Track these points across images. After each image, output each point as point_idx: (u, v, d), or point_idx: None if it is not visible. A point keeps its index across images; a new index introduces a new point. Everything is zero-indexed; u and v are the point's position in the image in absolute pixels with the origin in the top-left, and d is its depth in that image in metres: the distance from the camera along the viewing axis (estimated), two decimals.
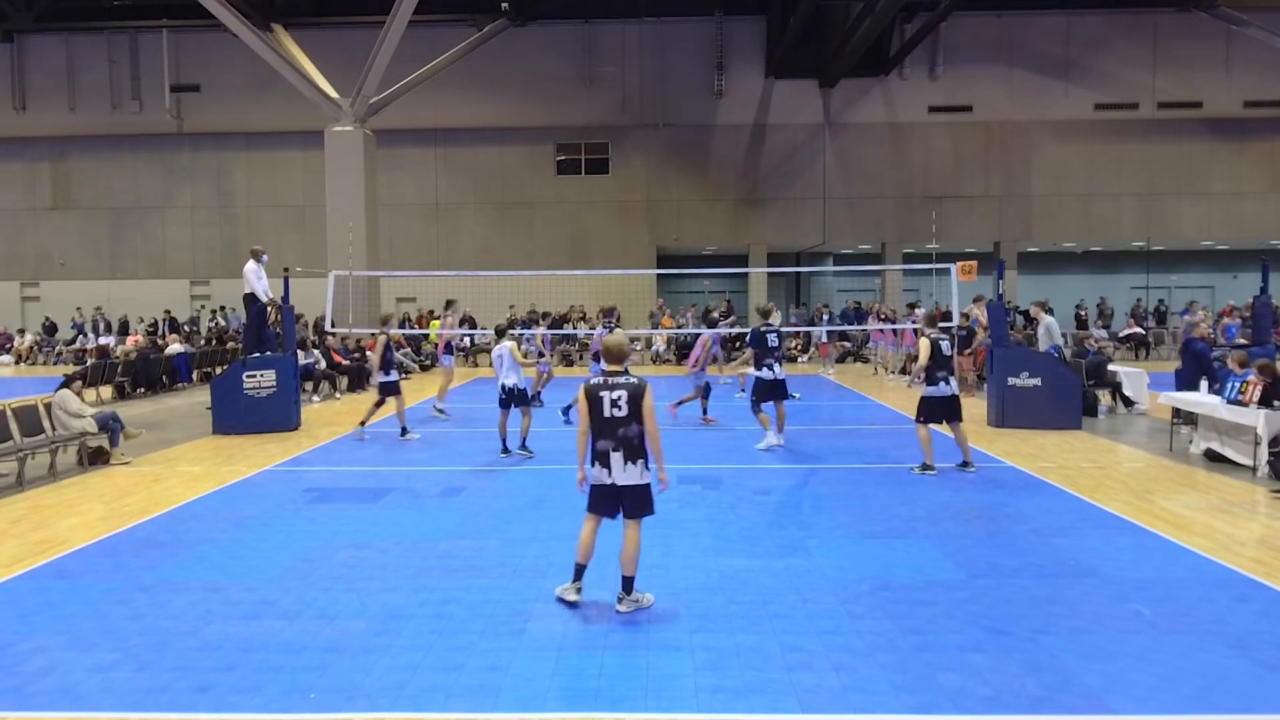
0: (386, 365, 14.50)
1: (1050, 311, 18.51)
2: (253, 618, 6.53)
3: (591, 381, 6.65)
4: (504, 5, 30.24)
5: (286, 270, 16.89)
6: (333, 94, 27.23)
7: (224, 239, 34.70)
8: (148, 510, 9.82)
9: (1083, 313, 33.17)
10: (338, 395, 20.94)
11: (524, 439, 12.93)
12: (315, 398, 20.00)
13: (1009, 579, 7.22)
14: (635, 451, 6.52)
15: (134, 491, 10.80)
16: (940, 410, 11.43)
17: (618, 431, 6.49)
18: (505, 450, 12.83)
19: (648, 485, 6.61)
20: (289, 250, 31.34)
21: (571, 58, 33.52)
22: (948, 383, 11.36)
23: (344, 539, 8.58)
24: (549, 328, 17.39)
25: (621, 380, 6.57)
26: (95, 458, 12.42)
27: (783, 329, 15.05)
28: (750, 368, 14.27)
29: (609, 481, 6.54)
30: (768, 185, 33.72)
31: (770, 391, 13.25)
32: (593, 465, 6.60)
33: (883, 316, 26.92)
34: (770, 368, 13.09)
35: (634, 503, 6.59)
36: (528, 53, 33.02)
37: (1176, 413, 13.19)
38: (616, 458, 6.50)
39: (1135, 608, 6.57)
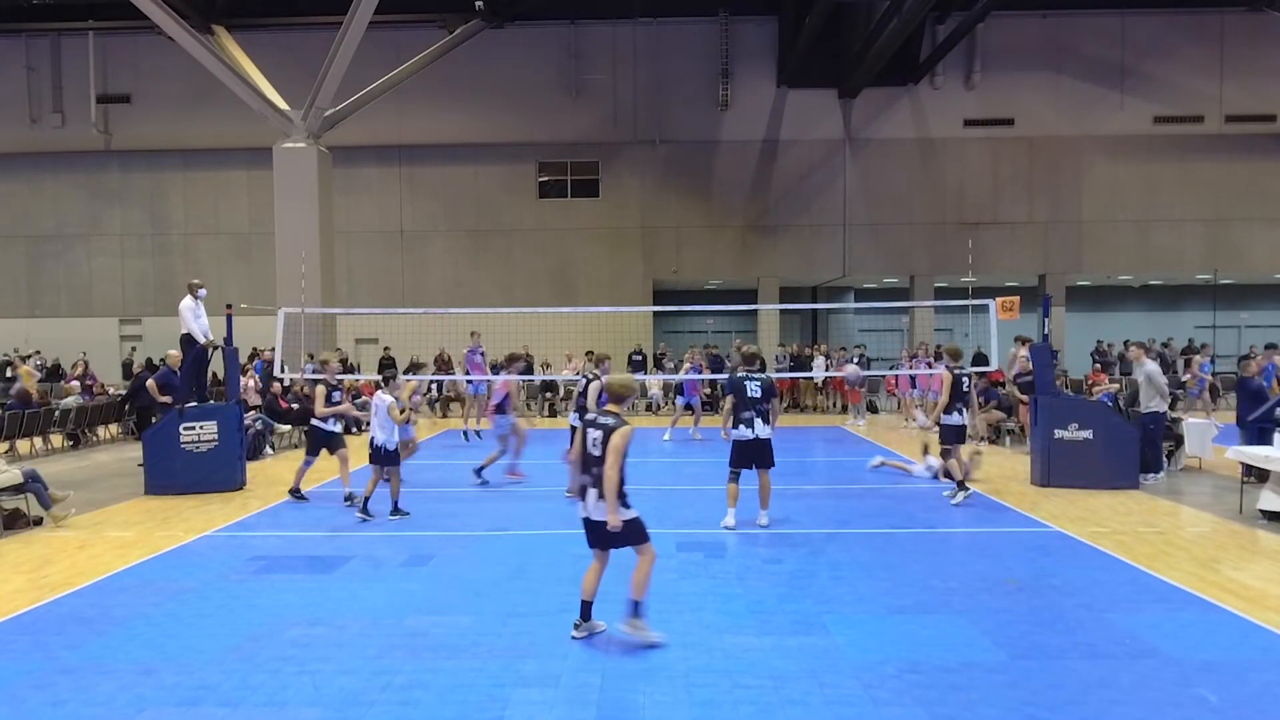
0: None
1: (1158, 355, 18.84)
2: (191, 704, 6.56)
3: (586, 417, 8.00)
4: (478, 4, 30.46)
5: (229, 307, 16.98)
6: (282, 105, 27.50)
7: (158, 271, 34.85)
8: (71, 581, 9.83)
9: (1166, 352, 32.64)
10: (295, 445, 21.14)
11: (395, 501, 13.02)
12: (269, 450, 20.26)
13: (1055, 660, 7.27)
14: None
15: (55, 560, 10.81)
16: (956, 434, 14.02)
17: (592, 470, 7.69)
18: (365, 512, 12.87)
19: (625, 520, 7.59)
20: (232, 284, 31.53)
21: (555, 64, 33.89)
22: (961, 413, 14.05)
23: (295, 614, 8.59)
24: (519, 373, 17.00)
25: (603, 420, 7.74)
26: (11, 521, 12.44)
27: (773, 375, 14.92)
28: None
29: (584, 515, 7.83)
30: (780, 210, 33.97)
31: (743, 456, 12.06)
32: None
33: (930, 360, 25.92)
34: (749, 424, 11.84)
35: (610, 536, 7.64)
36: (505, 58, 33.36)
37: (1247, 470, 13.28)
38: (592, 494, 7.72)
39: (1200, 693, 6.61)
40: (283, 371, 21.50)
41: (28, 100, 34.55)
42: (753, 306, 31.78)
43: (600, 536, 7.71)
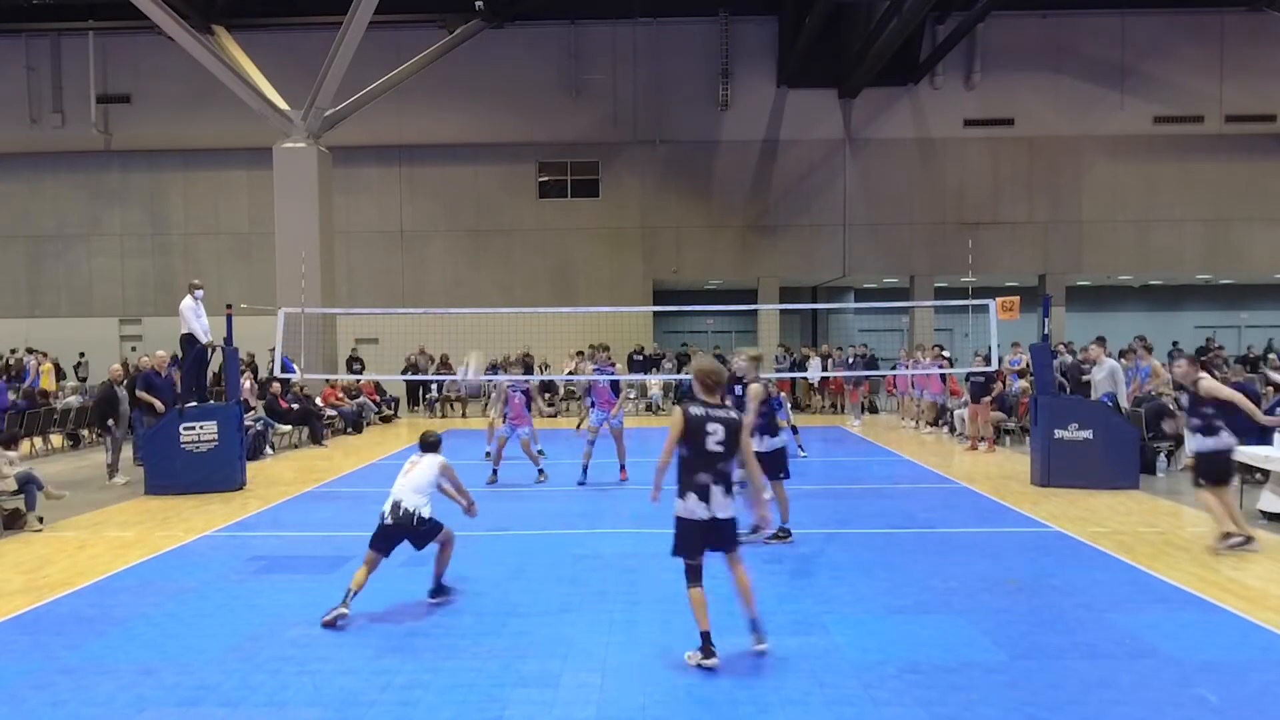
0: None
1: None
2: (191, 704, 6.58)
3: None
4: (478, 4, 30.37)
5: (229, 307, 16.99)
6: (282, 105, 27.50)
7: (158, 271, 34.84)
8: (71, 582, 9.85)
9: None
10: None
11: (437, 576, 9.34)
12: (269, 450, 20.29)
13: (1055, 660, 7.29)
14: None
15: (55, 560, 10.83)
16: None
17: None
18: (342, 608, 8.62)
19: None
20: (232, 284, 31.47)
21: (555, 64, 33.88)
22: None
23: (295, 614, 8.62)
24: (519, 374, 17.14)
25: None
26: (10, 522, 12.45)
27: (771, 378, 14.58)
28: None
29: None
30: (780, 210, 33.98)
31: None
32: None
33: (941, 359, 25.37)
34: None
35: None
36: (505, 58, 33.35)
37: (1248, 469, 13.28)
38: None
39: (1200, 693, 6.63)
40: (283, 372, 21.61)
41: (28, 100, 34.50)
42: (753, 306, 31.73)
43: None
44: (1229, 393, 11.00)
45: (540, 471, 16.23)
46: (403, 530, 8.72)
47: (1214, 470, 10.87)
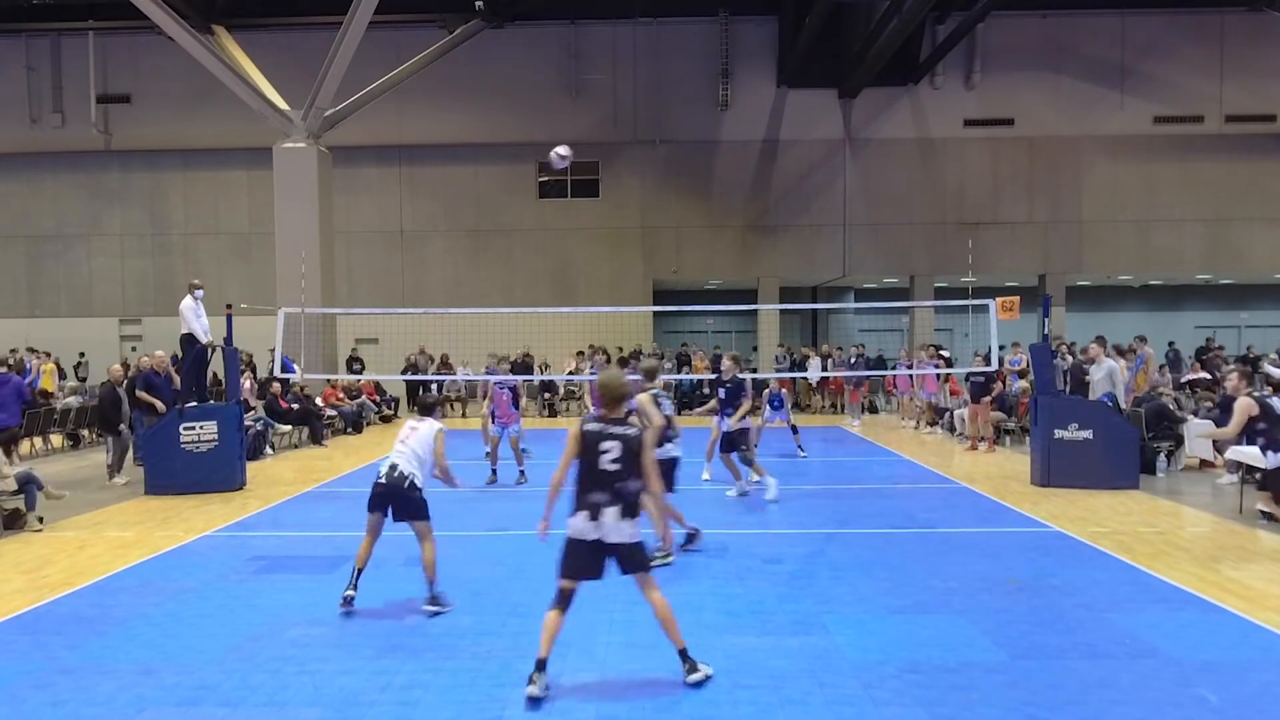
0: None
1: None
2: (191, 704, 6.58)
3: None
4: (478, 4, 30.36)
5: (229, 307, 17.00)
6: (282, 105, 27.51)
7: (158, 271, 34.84)
8: (71, 582, 9.86)
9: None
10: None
11: (430, 583, 8.91)
12: (269, 450, 20.30)
13: (1055, 660, 7.30)
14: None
15: (55, 560, 10.83)
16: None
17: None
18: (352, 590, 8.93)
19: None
20: (232, 284, 31.47)
21: (555, 64, 33.88)
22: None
23: (295, 614, 8.63)
24: (511, 373, 17.11)
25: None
26: (10, 522, 12.45)
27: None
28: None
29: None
30: (780, 210, 33.97)
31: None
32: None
33: (938, 359, 25.18)
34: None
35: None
36: (505, 58, 33.35)
37: (1248, 470, 13.29)
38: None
39: (1200, 693, 6.64)
40: (283, 372, 21.61)
41: (28, 100, 34.49)
42: (753, 306, 31.68)
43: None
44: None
45: (521, 473, 16.12)
46: (393, 492, 8.71)
47: None
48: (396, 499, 8.74)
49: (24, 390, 18.30)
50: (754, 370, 29.34)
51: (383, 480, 8.73)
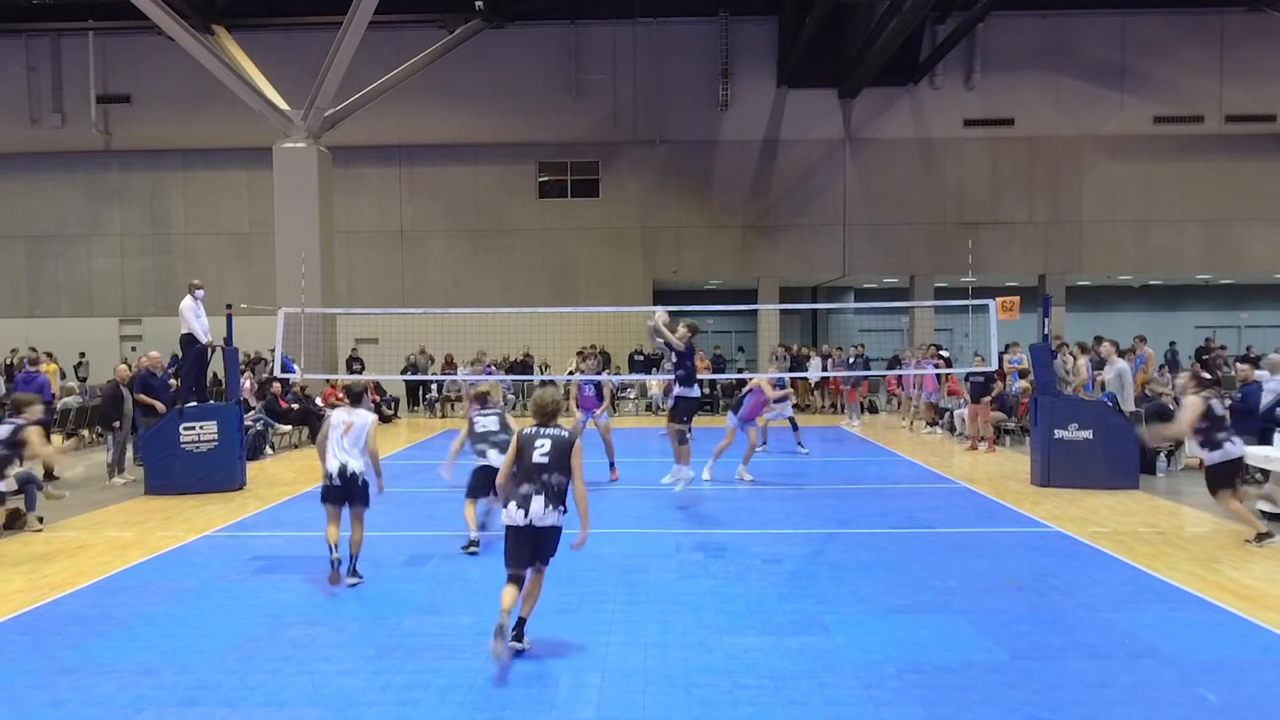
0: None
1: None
2: (190, 704, 6.57)
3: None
4: (478, 4, 30.26)
5: (229, 307, 16.99)
6: (282, 105, 27.51)
7: (158, 271, 34.81)
8: (71, 582, 9.84)
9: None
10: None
11: (354, 558, 9.64)
12: (269, 450, 20.32)
13: (1055, 660, 7.29)
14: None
15: (55, 560, 10.82)
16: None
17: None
18: (336, 569, 9.63)
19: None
20: (232, 284, 31.43)
21: (555, 64, 33.87)
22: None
23: (294, 614, 8.62)
24: (506, 373, 17.20)
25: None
26: (10, 522, 12.45)
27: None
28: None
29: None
30: (780, 210, 33.95)
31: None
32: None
33: (936, 358, 25.22)
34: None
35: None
36: (505, 58, 33.33)
37: (1248, 470, 13.27)
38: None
39: (1200, 693, 6.63)
40: (282, 372, 21.61)
41: (28, 100, 34.47)
42: (753, 306, 31.77)
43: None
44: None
45: (611, 465, 16.34)
46: (348, 489, 9.50)
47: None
48: (351, 494, 9.53)
49: (47, 388, 18.41)
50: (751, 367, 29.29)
51: (339, 483, 9.47)
